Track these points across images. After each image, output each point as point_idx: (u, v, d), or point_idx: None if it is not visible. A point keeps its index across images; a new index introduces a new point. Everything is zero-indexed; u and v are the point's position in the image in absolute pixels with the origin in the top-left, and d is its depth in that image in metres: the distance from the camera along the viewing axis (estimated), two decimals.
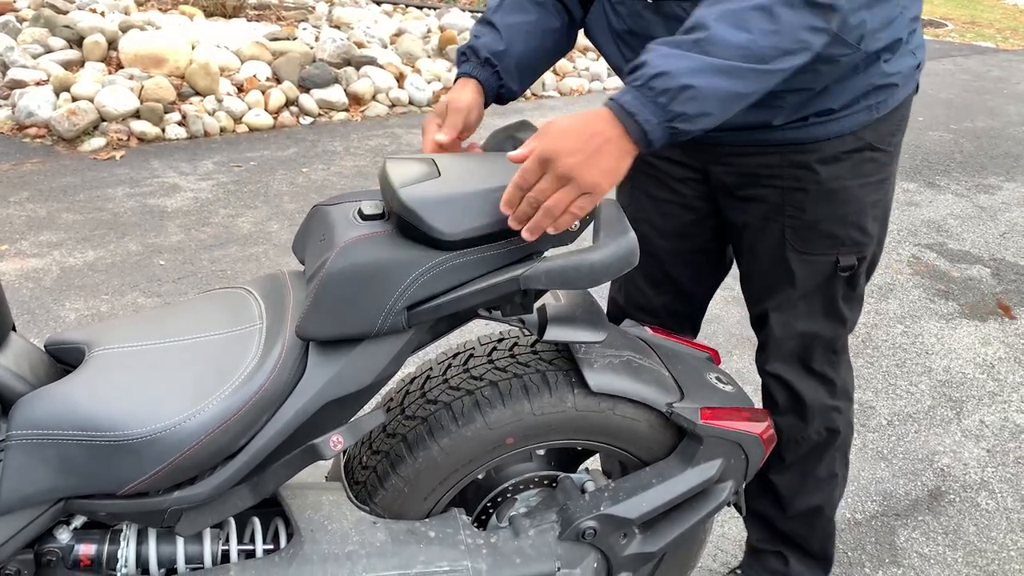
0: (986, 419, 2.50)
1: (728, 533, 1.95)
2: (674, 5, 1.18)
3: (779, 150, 1.29)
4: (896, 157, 1.35)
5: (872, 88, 1.24)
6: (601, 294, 1.62)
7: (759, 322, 1.49)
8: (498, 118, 1.86)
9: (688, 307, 1.61)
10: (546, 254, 1.09)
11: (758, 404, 1.38)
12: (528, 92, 5.86)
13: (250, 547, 1.16)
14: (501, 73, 1.32)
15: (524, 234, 1.02)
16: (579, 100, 5.91)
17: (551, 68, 5.95)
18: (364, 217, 1.07)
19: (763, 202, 1.34)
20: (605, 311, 1.64)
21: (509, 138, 1.24)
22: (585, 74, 6.30)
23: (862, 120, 1.26)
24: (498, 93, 1.35)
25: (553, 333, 1.14)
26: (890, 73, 1.24)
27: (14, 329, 1.10)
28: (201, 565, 1.13)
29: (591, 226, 1.09)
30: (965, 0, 12.41)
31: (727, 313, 2.95)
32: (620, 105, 0.98)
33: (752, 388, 2.49)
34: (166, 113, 4.45)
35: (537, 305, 1.17)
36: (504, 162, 1.10)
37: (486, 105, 1.33)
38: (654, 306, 1.58)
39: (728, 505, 1.37)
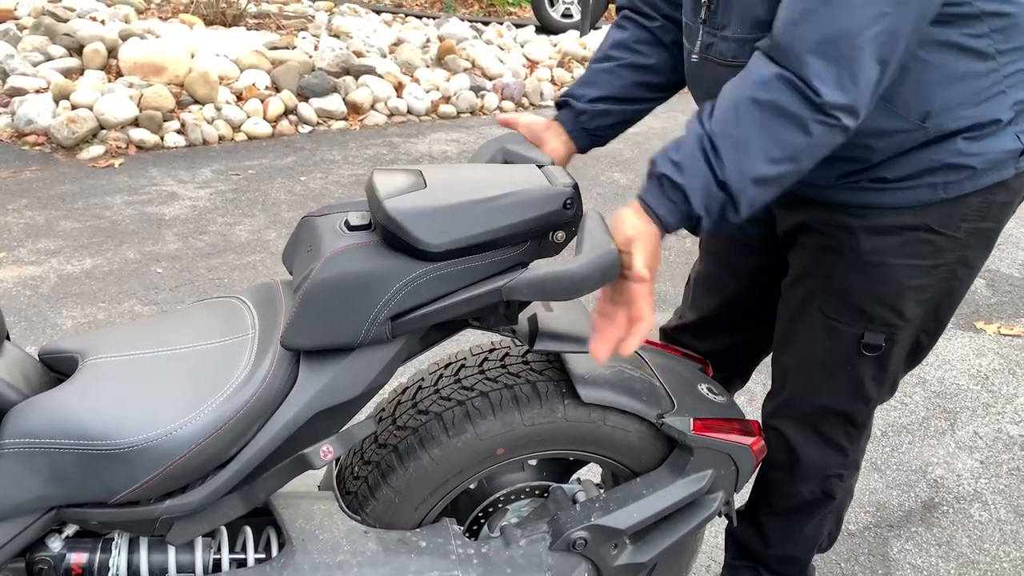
0: (980, 430, 2.50)
1: (721, 544, 1.95)
2: (717, 68, 1.17)
3: (829, 207, 1.22)
4: (969, 246, 1.20)
5: (940, 166, 1.13)
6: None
7: (778, 373, 1.43)
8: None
9: (742, 354, 1.58)
10: (530, 265, 1.10)
11: (749, 415, 1.38)
12: (526, 102, 5.87)
13: (241, 556, 1.17)
14: (584, 116, 1.35)
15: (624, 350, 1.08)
16: None
17: (547, 75, 5.85)
18: (350, 228, 1.07)
19: (805, 252, 1.29)
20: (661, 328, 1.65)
21: (500, 150, 1.25)
22: None
23: (923, 197, 1.15)
24: (592, 136, 1.38)
25: (543, 344, 1.15)
26: (968, 153, 1.12)
27: (8, 338, 1.11)
28: (192, 574, 1.14)
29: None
30: None
31: None
32: (657, 215, 1.05)
33: (745, 399, 2.49)
34: (165, 121, 4.46)
35: (527, 316, 1.18)
36: (492, 173, 1.11)
37: (583, 149, 1.38)
38: (705, 348, 1.52)
39: (719, 516, 1.38)
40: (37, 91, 4.48)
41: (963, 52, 1.07)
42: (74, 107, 4.32)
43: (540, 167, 1.14)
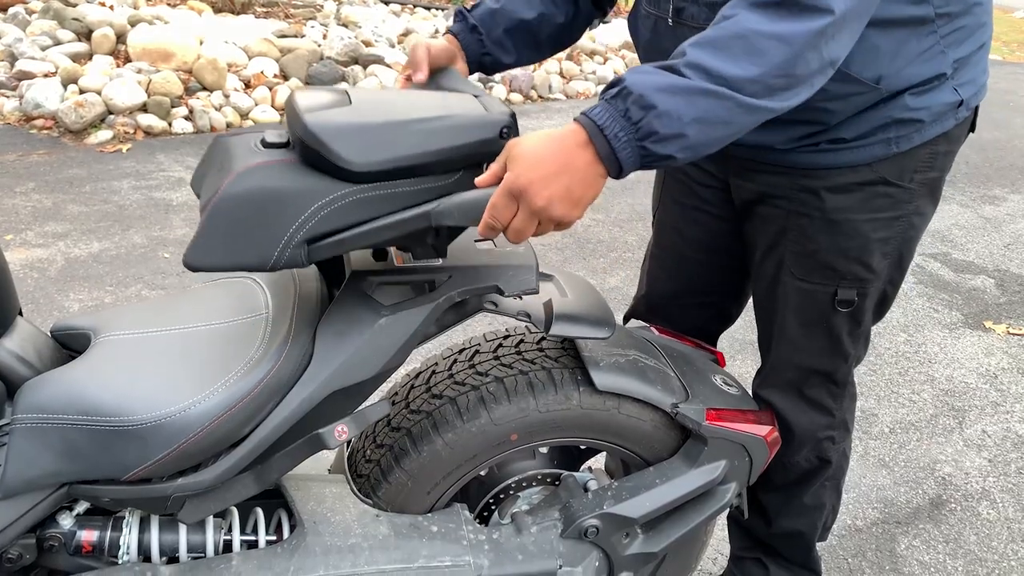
0: (988, 429, 2.49)
1: (727, 536, 1.95)
2: (687, 31, 1.14)
3: (789, 172, 1.26)
4: (921, 195, 1.26)
5: (892, 121, 1.18)
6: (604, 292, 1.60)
7: (764, 346, 1.45)
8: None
9: (714, 323, 1.59)
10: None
11: None
12: (535, 94, 5.86)
13: (253, 538, 1.16)
14: (485, 41, 1.32)
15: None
16: (585, 103, 5.91)
17: (556, 68, 5.83)
18: (266, 145, 0.99)
19: (770, 223, 1.31)
20: (624, 314, 1.64)
21: (434, 85, 1.21)
22: (592, 77, 6.30)
23: (877, 153, 1.21)
24: (481, 60, 1.34)
25: (559, 328, 1.14)
26: (915, 108, 1.18)
27: (20, 314, 1.10)
28: (203, 554, 1.13)
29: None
30: None
31: None
32: (591, 119, 0.93)
33: None
34: (173, 107, 4.45)
35: (543, 300, 1.17)
36: (424, 97, 1.03)
37: (471, 71, 1.33)
38: (675, 317, 1.54)
39: (731, 507, 1.37)
40: (45, 75, 4.47)
41: (908, 22, 1.13)
42: (82, 92, 4.31)
43: (476, 97, 1.06)
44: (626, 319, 1.64)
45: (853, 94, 1.15)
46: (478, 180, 0.98)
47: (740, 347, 2.77)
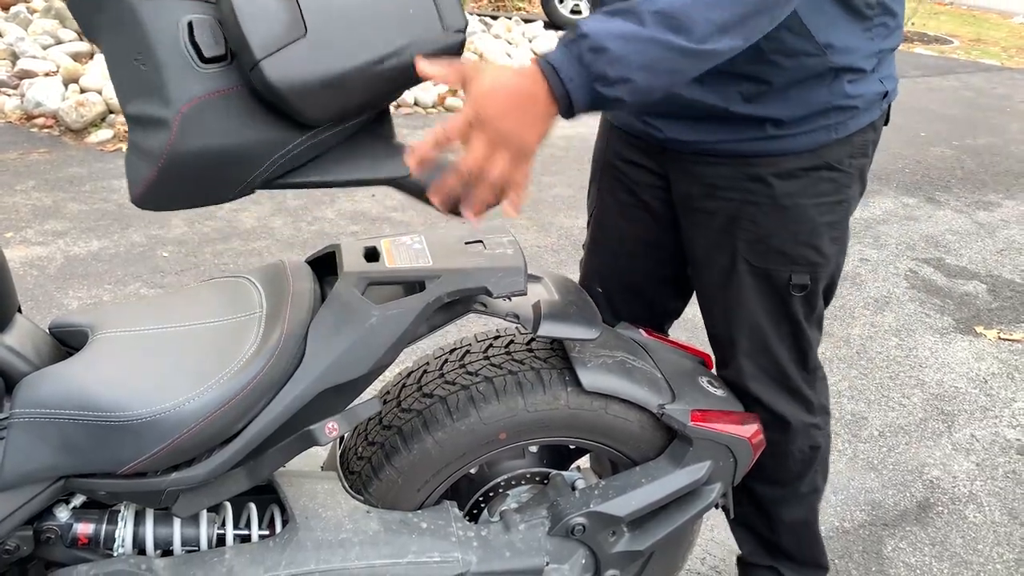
0: (977, 433, 2.51)
1: (717, 537, 1.97)
2: None
3: (734, 161, 1.29)
4: (856, 180, 1.34)
5: (832, 107, 1.24)
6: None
7: (722, 342, 1.44)
8: None
9: (657, 319, 1.59)
10: None
11: None
12: None
13: (246, 532, 1.19)
14: None
15: (469, 215, 1.00)
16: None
17: None
18: (204, 60, 0.90)
19: (719, 215, 1.33)
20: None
21: None
22: None
23: (819, 139, 1.26)
24: None
25: (547, 329, 1.16)
26: (852, 95, 1.24)
27: (20, 311, 1.13)
28: (197, 548, 1.15)
29: None
30: (971, 18, 12.45)
31: None
32: (547, 60, 0.97)
33: None
34: None
35: (531, 302, 1.20)
36: (382, 24, 0.96)
37: None
38: (618, 314, 1.53)
39: (716, 507, 1.39)
40: (47, 74, 4.50)
41: (851, 6, 1.20)
42: (83, 91, 4.33)
43: None
44: None
45: (801, 53, 1.19)
46: (446, 125, 0.98)
47: None
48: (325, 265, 1.21)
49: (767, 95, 1.23)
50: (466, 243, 1.19)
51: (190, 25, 0.89)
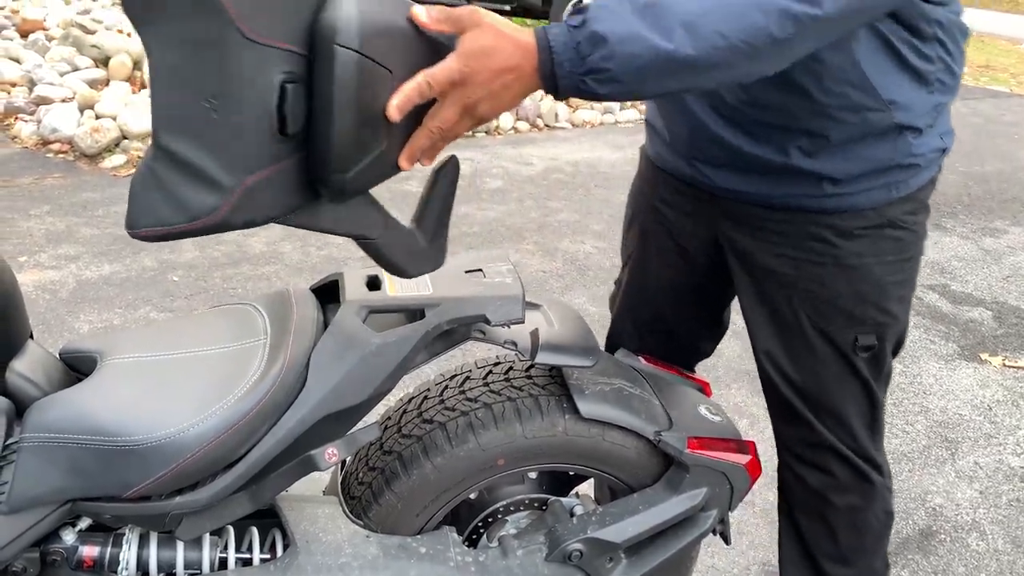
0: (980, 461, 2.51)
1: (717, 564, 1.98)
2: None
3: (790, 216, 1.25)
4: (921, 238, 1.30)
5: (894, 166, 1.21)
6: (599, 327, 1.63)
7: (787, 395, 1.38)
8: (509, 147, 1.86)
9: (686, 359, 1.57)
10: None
11: (747, 435, 1.40)
12: (541, 123, 5.94)
13: (247, 555, 1.20)
14: None
15: (404, 163, 0.97)
16: (590, 132, 5.99)
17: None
18: (283, 134, 0.83)
19: (777, 273, 1.30)
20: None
21: None
22: (598, 106, 6.38)
23: (880, 198, 1.23)
24: None
25: (544, 357, 1.19)
26: (915, 154, 1.22)
27: (31, 337, 1.16)
28: (199, 571, 1.17)
29: None
30: (980, 44, 12.50)
31: (727, 347, 2.98)
32: (547, 37, 0.92)
33: (748, 421, 2.52)
34: None
35: (529, 330, 1.22)
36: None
37: None
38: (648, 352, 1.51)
39: (713, 534, 1.40)
40: (63, 100, 4.58)
41: (918, 57, 1.16)
42: (98, 117, 4.41)
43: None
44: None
45: (864, 108, 1.16)
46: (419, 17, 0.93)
47: (736, 376, 2.81)
48: (329, 293, 1.24)
49: (826, 150, 1.20)
50: (466, 272, 1.22)
51: (282, 89, 0.80)
